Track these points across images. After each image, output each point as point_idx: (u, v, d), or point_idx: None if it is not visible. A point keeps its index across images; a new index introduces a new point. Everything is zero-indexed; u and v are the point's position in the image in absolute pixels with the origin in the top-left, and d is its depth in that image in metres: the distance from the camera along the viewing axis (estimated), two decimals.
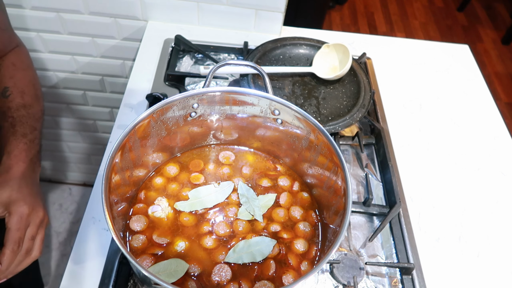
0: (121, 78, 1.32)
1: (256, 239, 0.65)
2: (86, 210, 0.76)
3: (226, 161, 0.76)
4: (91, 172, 1.84)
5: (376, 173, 0.88)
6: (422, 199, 0.86)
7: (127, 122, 0.77)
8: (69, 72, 1.32)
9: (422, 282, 0.73)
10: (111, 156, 0.56)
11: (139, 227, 0.65)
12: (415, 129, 0.98)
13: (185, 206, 0.68)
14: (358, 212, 0.81)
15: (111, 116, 1.49)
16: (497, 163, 0.94)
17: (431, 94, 1.07)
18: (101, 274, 0.68)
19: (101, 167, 0.84)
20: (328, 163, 0.65)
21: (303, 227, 0.68)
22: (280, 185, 0.74)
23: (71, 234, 1.79)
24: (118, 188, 0.61)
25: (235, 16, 1.10)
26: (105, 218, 0.51)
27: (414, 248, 0.77)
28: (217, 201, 0.69)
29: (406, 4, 3.17)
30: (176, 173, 0.73)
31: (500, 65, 2.80)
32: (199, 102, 0.67)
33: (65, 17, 1.13)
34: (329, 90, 0.98)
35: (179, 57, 1.06)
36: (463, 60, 1.18)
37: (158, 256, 0.63)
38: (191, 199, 0.69)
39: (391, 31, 2.92)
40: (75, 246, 0.71)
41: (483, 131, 1.01)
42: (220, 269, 0.62)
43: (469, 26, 3.07)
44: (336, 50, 1.01)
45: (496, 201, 0.88)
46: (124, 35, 1.18)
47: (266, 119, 0.70)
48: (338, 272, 0.71)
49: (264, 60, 1.00)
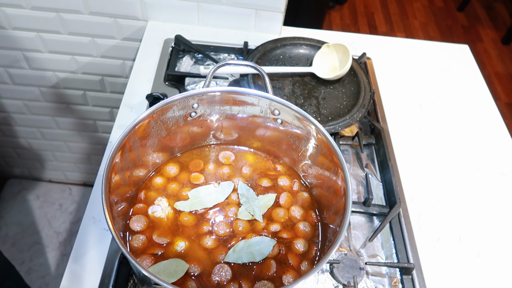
0: (121, 78, 1.32)
1: (256, 239, 0.65)
2: (86, 210, 0.76)
3: (226, 161, 0.76)
4: (91, 172, 1.84)
5: (376, 173, 0.88)
6: (422, 199, 0.86)
7: (127, 122, 0.77)
8: (69, 72, 1.32)
9: (422, 282, 0.73)
10: (111, 156, 0.56)
11: (139, 227, 0.65)
12: (415, 129, 0.98)
13: (185, 206, 0.68)
14: (358, 212, 0.81)
15: (111, 116, 1.49)
16: (497, 163, 0.94)
17: (431, 94, 1.07)
18: (101, 274, 0.68)
19: (101, 167, 0.84)
20: (328, 163, 0.65)
21: (303, 227, 0.68)
22: (280, 185, 0.74)
23: (71, 234, 1.79)
24: (118, 188, 0.61)
25: (235, 16, 1.10)
26: (105, 218, 0.51)
27: (414, 248, 0.77)
28: (217, 201, 0.69)
29: (406, 4, 3.17)
30: (176, 173, 0.73)
31: (500, 65, 2.80)
32: (199, 102, 0.67)
33: (65, 17, 1.13)
34: (329, 90, 0.98)
35: (179, 57, 1.06)
36: (463, 60, 1.18)
37: (158, 256, 0.63)
38: (191, 199, 0.69)
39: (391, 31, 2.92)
40: (75, 246, 0.71)
41: (483, 131, 1.01)
42: (220, 269, 0.62)
43: (469, 26, 3.07)
44: (336, 50, 1.01)
45: (496, 201, 0.88)
46: (124, 35, 1.18)
47: (266, 119, 0.70)
48: (338, 272, 0.71)
49: (264, 60, 1.00)
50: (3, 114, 1.49)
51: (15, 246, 1.74)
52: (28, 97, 1.41)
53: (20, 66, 1.29)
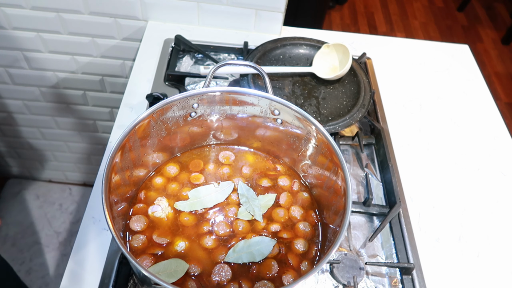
0: (121, 78, 1.32)
1: (256, 239, 0.65)
2: (86, 210, 0.76)
3: (226, 161, 0.76)
4: (91, 172, 1.84)
5: (376, 173, 0.88)
6: (422, 199, 0.86)
7: (127, 122, 0.77)
8: (69, 72, 1.32)
9: (422, 282, 0.73)
10: (111, 156, 0.56)
11: (139, 227, 0.65)
12: (415, 129, 0.98)
13: (185, 206, 0.68)
14: (358, 212, 0.81)
15: (111, 116, 1.49)
16: (497, 163, 0.94)
17: (431, 94, 1.07)
18: (101, 274, 0.68)
19: (101, 167, 0.84)
20: (328, 163, 0.65)
21: (303, 227, 0.68)
22: (280, 185, 0.74)
23: (71, 234, 1.79)
24: (118, 188, 0.61)
25: (235, 16, 1.10)
26: (105, 218, 0.51)
27: (414, 248, 0.77)
28: (217, 201, 0.69)
29: (406, 4, 3.17)
30: (176, 173, 0.73)
31: (500, 65, 2.80)
32: (199, 102, 0.67)
33: (65, 17, 1.13)
34: (329, 90, 0.98)
35: (179, 57, 1.06)
36: (463, 60, 1.18)
37: (158, 256, 0.63)
38: (191, 199, 0.69)
39: (391, 31, 2.92)
40: (75, 246, 0.71)
41: (483, 131, 1.01)
42: (220, 269, 0.62)
43: (469, 26, 3.07)
44: (336, 50, 1.01)
45: (496, 201, 0.88)
46: (124, 35, 1.18)
47: (266, 119, 0.70)
48: (338, 272, 0.71)
49: (264, 60, 1.00)
50: (3, 114, 1.49)
51: (15, 246, 1.75)
52: (28, 97, 1.41)
53: (20, 66, 1.29)
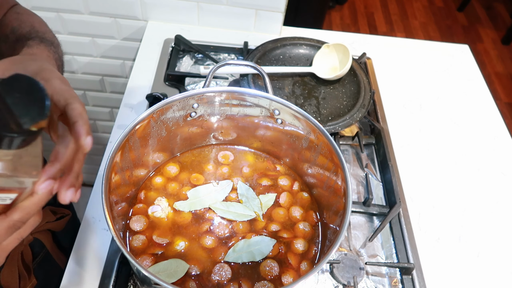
0: (121, 78, 1.32)
1: (256, 238, 0.65)
2: (86, 210, 0.76)
3: (225, 161, 0.76)
4: (91, 172, 1.84)
5: (376, 173, 0.88)
6: (422, 199, 0.86)
7: (127, 122, 0.77)
8: (69, 72, 1.32)
9: (422, 282, 0.73)
10: (111, 156, 0.56)
11: (139, 227, 0.65)
12: (415, 129, 0.98)
13: (185, 206, 0.68)
14: (358, 212, 0.81)
15: (111, 116, 1.49)
16: (497, 163, 0.94)
17: (431, 94, 1.07)
18: (101, 274, 0.68)
19: (101, 167, 0.84)
20: (328, 163, 0.65)
21: (303, 227, 0.68)
22: (280, 185, 0.74)
23: None
24: (118, 188, 0.61)
25: (235, 16, 1.10)
26: (105, 218, 0.51)
27: (414, 248, 0.77)
28: (216, 200, 0.69)
29: (406, 4, 3.17)
30: (176, 173, 0.73)
31: (500, 65, 2.80)
32: (199, 102, 0.67)
33: (65, 17, 1.13)
34: (329, 90, 0.98)
35: (179, 57, 1.06)
36: (463, 60, 1.18)
37: (158, 256, 0.63)
38: (190, 199, 0.69)
39: (391, 31, 2.92)
40: (75, 246, 0.71)
41: (483, 131, 1.01)
42: (220, 269, 0.62)
43: (469, 26, 3.07)
44: (336, 50, 1.00)
45: (496, 201, 0.88)
46: (124, 35, 1.18)
47: (266, 119, 0.70)
48: (338, 272, 0.71)
49: (264, 60, 1.00)
50: None
51: None
52: None
53: None
